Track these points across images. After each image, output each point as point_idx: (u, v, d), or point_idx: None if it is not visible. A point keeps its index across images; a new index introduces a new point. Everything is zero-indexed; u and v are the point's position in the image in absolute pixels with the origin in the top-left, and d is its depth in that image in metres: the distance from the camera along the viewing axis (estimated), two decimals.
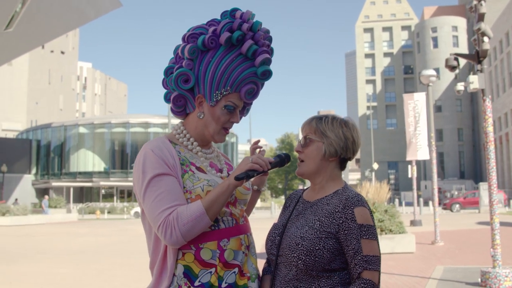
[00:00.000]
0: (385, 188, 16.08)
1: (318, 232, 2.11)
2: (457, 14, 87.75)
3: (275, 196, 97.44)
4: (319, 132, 2.23)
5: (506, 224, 22.59)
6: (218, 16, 2.40)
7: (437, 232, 16.58)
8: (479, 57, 9.17)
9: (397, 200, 47.35)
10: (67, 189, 63.22)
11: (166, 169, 2.15)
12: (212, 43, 2.24)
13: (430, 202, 42.40)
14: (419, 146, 21.39)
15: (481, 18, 9.05)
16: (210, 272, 2.12)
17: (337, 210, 2.13)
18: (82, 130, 66.02)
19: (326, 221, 2.13)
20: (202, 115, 2.30)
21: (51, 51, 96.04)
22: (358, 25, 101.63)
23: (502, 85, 66.11)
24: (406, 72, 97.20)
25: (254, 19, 2.32)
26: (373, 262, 2.07)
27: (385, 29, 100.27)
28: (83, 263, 13.45)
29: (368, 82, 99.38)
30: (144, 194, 2.14)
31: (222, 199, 2.11)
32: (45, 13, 36.08)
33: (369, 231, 2.10)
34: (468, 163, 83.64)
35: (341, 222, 2.10)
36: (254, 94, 2.37)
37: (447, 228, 22.43)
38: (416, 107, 21.42)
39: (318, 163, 2.24)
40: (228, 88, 2.27)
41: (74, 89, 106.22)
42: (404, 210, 43.97)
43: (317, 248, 2.07)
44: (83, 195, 66.40)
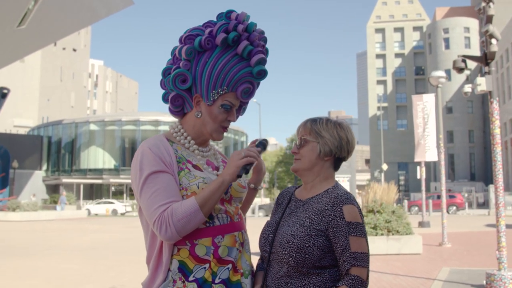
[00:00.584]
0: (393, 189, 16.07)
1: (308, 229, 2.16)
2: (469, 15, 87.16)
3: None
4: (314, 132, 2.29)
5: None
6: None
7: (444, 233, 16.55)
8: (487, 59, 9.16)
9: (406, 201, 47.12)
10: (77, 185, 63.49)
11: (162, 166, 2.21)
12: (208, 44, 2.29)
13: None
14: (428, 148, 21.34)
15: (489, 20, 9.03)
16: (204, 267, 2.18)
17: (326, 208, 2.18)
18: (92, 127, 66.27)
19: (316, 218, 2.18)
20: (200, 114, 2.36)
21: (63, 49, 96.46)
22: (370, 25, 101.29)
23: None
24: (417, 73, 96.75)
25: (250, 21, 2.37)
26: (361, 258, 2.12)
27: (396, 29, 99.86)
28: (92, 259, 13.56)
29: (379, 82, 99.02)
30: (140, 190, 2.20)
31: (216, 196, 2.17)
32: (57, 10, 36.27)
33: (357, 229, 2.15)
34: (478, 165, 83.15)
35: (330, 219, 2.16)
36: (250, 93, 2.43)
37: (456, 230, 22.36)
38: (425, 109, 21.38)
39: (313, 162, 2.30)
40: (224, 87, 2.32)
41: (86, 86, 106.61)
42: (413, 211, 43.86)
43: (307, 245, 2.13)
44: (93, 192, 66.69)
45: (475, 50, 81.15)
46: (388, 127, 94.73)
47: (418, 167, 24.97)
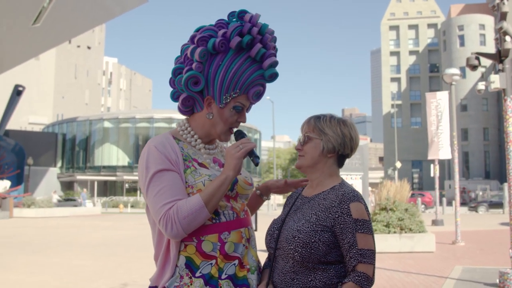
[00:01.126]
0: (406, 187, 16.00)
1: (314, 225, 2.18)
2: (484, 12, 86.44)
3: None
4: (318, 129, 2.31)
5: None
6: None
7: (458, 232, 16.45)
8: (501, 56, 9.09)
9: (419, 199, 46.86)
10: (91, 182, 63.89)
11: (168, 165, 2.22)
12: (222, 47, 2.28)
13: (453, 202, 41.99)
14: (441, 145, 21.23)
15: (503, 17, 8.96)
16: (211, 263, 2.19)
17: (333, 205, 2.19)
18: (107, 124, 66.60)
19: (322, 215, 2.20)
20: (211, 116, 2.36)
21: (78, 46, 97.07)
22: (384, 22, 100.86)
23: None
24: (431, 70, 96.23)
25: (262, 21, 2.36)
26: (367, 255, 2.14)
27: (411, 26, 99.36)
28: (104, 256, 13.64)
29: (393, 80, 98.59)
30: (147, 188, 2.22)
31: (220, 192, 2.18)
32: (72, 8, 36.47)
33: (364, 226, 2.16)
34: (493, 163, 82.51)
35: (337, 216, 2.17)
36: (260, 94, 2.45)
37: (470, 228, 22.24)
38: (438, 106, 21.26)
39: (316, 158, 2.32)
40: (237, 90, 2.32)
41: (100, 84, 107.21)
42: (427, 209, 43.66)
43: (313, 240, 2.14)
44: (107, 189, 67.08)
45: (491, 47, 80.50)
46: (402, 125, 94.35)
47: (432, 165, 24.85)
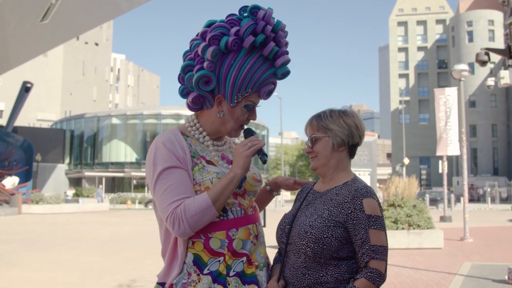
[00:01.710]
0: (414, 183, 15.95)
1: (326, 220, 2.17)
2: (493, 7, 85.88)
3: None
4: (322, 128, 2.30)
5: None
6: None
7: (466, 228, 16.40)
8: (511, 52, 9.03)
9: (427, 195, 46.80)
10: (99, 179, 64.07)
11: (176, 162, 2.20)
12: (234, 46, 2.24)
13: (462, 198, 41.87)
14: (450, 142, 21.15)
15: None
16: (219, 260, 2.18)
17: (346, 201, 2.19)
18: (114, 121, 66.80)
19: (335, 210, 2.19)
20: (222, 114, 2.32)
21: (86, 43, 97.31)
22: (392, 18, 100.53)
23: None
24: (440, 66, 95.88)
25: (274, 17, 2.30)
26: (380, 252, 2.13)
27: (419, 22, 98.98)
28: (112, 252, 13.67)
29: (401, 76, 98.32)
30: (154, 186, 2.20)
31: (228, 191, 2.16)
32: (80, 5, 36.50)
33: (377, 222, 2.16)
34: (502, 160, 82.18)
35: (349, 212, 2.16)
36: (271, 92, 2.41)
37: (478, 224, 22.17)
38: (447, 102, 21.18)
39: (328, 156, 2.30)
40: (249, 90, 2.29)
41: (108, 80, 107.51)
42: (434, 205, 43.54)
43: (325, 236, 2.13)
44: (115, 185, 67.23)
45: (500, 43, 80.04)
46: (410, 121, 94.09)
47: (440, 161, 24.76)
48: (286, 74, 2.38)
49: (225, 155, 2.43)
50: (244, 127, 2.41)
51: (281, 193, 2.81)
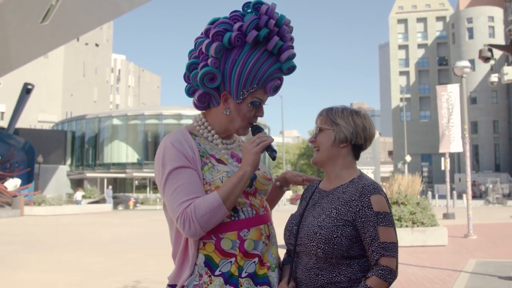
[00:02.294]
0: (417, 180, 15.92)
1: (335, 220, 2.14)
2: (493, 4, 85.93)
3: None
4: (330, 120, 2.29)
5: None
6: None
7: (470, 225, 16.37)
8: None
9: (430, 193, 46.76)
10: (101, 180, 64.02)
11: (185, 162, 2.18)
12: (238, 41, 2.22)
13: (464, 195, 41.85)
14: (452, 138, 21.13)
15: None
16: (230, 261, 2.15)
17: (353, 199, 2.17)
18: (115, 121, 66.75)
19: (342, 209, 2.17)
20: (229, 111, 2.30)
21: (86, 44, 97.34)
22: (392, 16, 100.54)
23: None
24: (440, 63, 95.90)
25: (278, 12, 2.29)
26: (390, 248, 2.11)
27: (419, 20, 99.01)
28: (115, 253, 13.65)
29: (401, 73, 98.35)
30: (164, 186, 2.18)
31: (238, 189, 2.13)
32: (80, 6, 36.50)
33: (385, 218, 2.14)
34: (503, 156, 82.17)
35: (357, 210, 2.14)
36: (278, 87, 2.39)
37: (481, 221, 22.12)
38: (449, 99, 21.15)
39: (330, 150, 2.28)
40: (254, 85, 2.27)
41: (108, 81, 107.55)
42: (437, 203, 43.48)
43: (335, 236, 2.11)
44: (117, 186, 67.16)
45: (500, 40, 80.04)
46: (411, 118, 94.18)
47: (443, 159, 24.74)
48: (292, 69, 2.35)
49: (234, 153, 2.40)
50: (252, 124, 2.37)
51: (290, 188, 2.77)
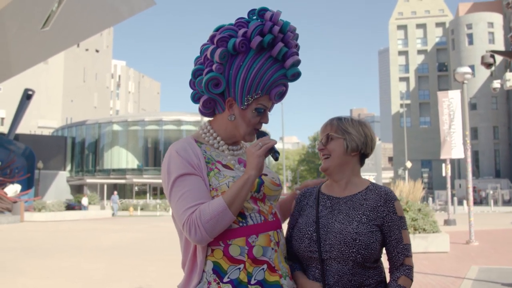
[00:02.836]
0: (419, 187, 15.90)
1: (369, 226, 2.26)
2: (493, 10, 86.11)
3: None
4: (341, 129, 2.36)
5: None
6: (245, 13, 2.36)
7: (471, 231, 16.32)
8: None
9: (430, 199, 46.78)
10: (101, 186, 64.06)
11: (190, 169, 2.18)
12: (242, 47, 2.23)
13: (464, 201, 41.86)
14: (454, 145, 21.11)
15: None
16: (239, 268, 2.12)
17: (379, 204, 2.31)
18: (116, 127, 66.83)
19: (372, 215, 2.29)
20: (233, 117, 2.31)
21: (86, 50, 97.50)
22: (392, 22, 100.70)
23: None
24: (440, 69, 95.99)
25: (283, 19, 2.29)
26: (409, 249, 2.32)
27: (419, 26, 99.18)
28: (116, 259, 13.61)
29: (401, 79, 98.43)
30: (170, 194, 2.18)
31: (243, 193, 2.12)
32: (80, 12, 36.58)
33: (405, 222, 2.34)
34: (504, 162, 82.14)
35: (384, 215, 2.29)
36: (283, 94, 2.39)
37: (482, 227, 22.07)
38: (450, 105, 21.13)
39: (342, 158, 2.36)
40: (259, 92, 2.27)
41: (108, 87, 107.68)
42: (437, 209, 43.48)
43: (372, 241, 2.23)
44: (117, 192, 67.23)
45: (500, 46, 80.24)
46: (411, 124, 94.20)
47: (443, 165, 24.70)
48: (296, 76, 2.36)
49: (242, 159, 2.39)
50: (257, 131, 2.37)
51: None
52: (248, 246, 2.15)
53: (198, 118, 57.00)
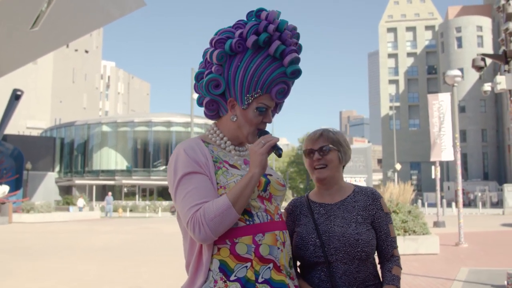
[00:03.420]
0: (408, 189, 15.97)
1: (364, 225, 2.44)
2: (482, 13, 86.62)
3: (297, 195, 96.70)
4: (336, 142, 2.53)
5: None
6: (242, 15, 2.40)
7: (461, 233, 16.43)
8: (507, 57, 9.06)
9: (419, 201, 46.96)
10: (90, 187, 63.72)
11: (197, 168, 2.19)
12: (239, 47, 2.26)
13: (453, 203, 42.07)
14: (444, 147, 21.23)
15: (509, 18, 8.94)
16: (246, 266, 2.13)
17: (369, 203, 2.50)
18: (105, 128, 66.57)
19: (364, 214, 2.47)
20: (235, 118, 2.33)
21: (75, 50, 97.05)
22: (382, 24, 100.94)
23: None
24: (429, 72, 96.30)
25: (280, 18, 2.31)
26: (396, 241, 2.53)
27: (408, 29, 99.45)
28: (107, 260, 13.57)
29: (391, 82, 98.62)
30: (175, 192, 2.19)
31: (248, 191, 2.14)
32: (70, 12, 36.43)
33: (390, 217, 2.55)
34: (492, 164, 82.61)
35: (374, 212, 2.49)
36: (285, 93, 2.39)
37: (471, 229, 22.21)
38: (440, 108, 21.25)
39: (337, 168, 2.54)
40: (258, 90, 2.29)
41: (98, 88, 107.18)
42: (426, 211, 43.63)
43: (370, 238, 2.42)
44: (106, 193, 66.93)
45: (488, 49, 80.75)
46: (400, 127, 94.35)
47: (433, 167, 24.83)
48: (296, 73, 2.36)
49: (247, 160, 2.41)
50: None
51: None
52: (254, 245, 2.16)
53: (188, 119, 56.79)
